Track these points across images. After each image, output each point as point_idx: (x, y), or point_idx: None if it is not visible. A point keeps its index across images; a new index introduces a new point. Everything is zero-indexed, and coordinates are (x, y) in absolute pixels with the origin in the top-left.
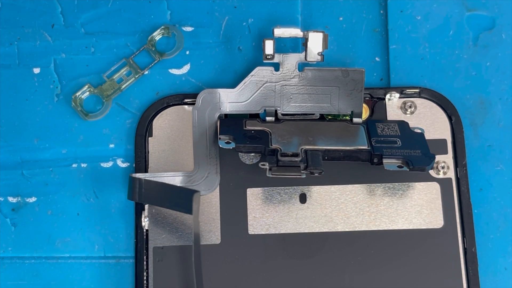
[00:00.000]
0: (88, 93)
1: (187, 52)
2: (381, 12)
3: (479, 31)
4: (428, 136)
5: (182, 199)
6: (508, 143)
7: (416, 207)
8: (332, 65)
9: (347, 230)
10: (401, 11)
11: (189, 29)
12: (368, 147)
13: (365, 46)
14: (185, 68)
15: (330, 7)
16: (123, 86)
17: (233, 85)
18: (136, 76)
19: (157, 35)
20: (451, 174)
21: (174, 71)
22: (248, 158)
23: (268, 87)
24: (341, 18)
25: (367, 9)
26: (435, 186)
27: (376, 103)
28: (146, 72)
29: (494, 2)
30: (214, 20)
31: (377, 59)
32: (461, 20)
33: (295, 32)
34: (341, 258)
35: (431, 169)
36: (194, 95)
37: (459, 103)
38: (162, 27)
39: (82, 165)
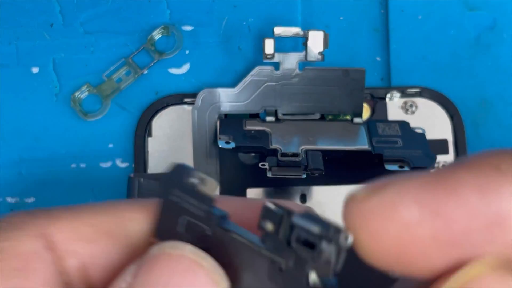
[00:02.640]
0: (87, 92)
1: (187, 52)
2: (382, 11)
3: (480, 31)
4: (429, 136)
5: None
6: (509, 143)
7: None
8: (333, 65)
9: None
10: (402, 10)
11: (188, 28)
12: (368, 147)
13: (366, 45)
14: (185, 68)
15: (330, 7)
16: (122, 86)
17: (233, 84)
18: (135, 76)
19: (157, 35)
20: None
21: (174, 71)
22: (248, 158)
23: (268, 86)
24: (341, 18)
25: (367, 8)
26: None
27: (377, 103)
28: (146, 72)
29: (495, 2)
30: (213, 20)
31: (377, 58)
32: (462, 19)
33: (295, 31)
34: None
35: (432, 169)
36: (194, 95)
37: (460, 103)
38: (162, 26)
39: (81, 165)
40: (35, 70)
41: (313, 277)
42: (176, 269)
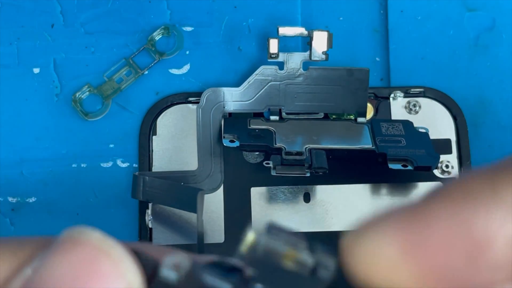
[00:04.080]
0: (88, 93)
1: (187, 52)
2: (381, 12)
3: (479, 31)
4: (432, 135)
5: (186, 197)
6: (508, 143)
7: None
8: (332, 65)
9: (351, 229)
10: (402, 11)
11: (189, 29)
12: (372, 146)
13: (365, 46)
14: (185, 68)
15: (330, 7)
16: (123, 86)
17: (233, 85)
18: (136, 76)
19: (157, 35)
20: (455, 174)
21: (174, 71)
22: (252, 157)
23: (272, 86)
24: (341, 18)
25: (367, 9)
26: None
27: (380, 103)
28: (146, 72)
29: (494, 2)
30: (214, 20)
31: (377, 59)
32: (461, 20)
33: (300, 31)
34: None
35: (436, 168)
36: (198, 94)
37: (459, 103)
38: (162, 27)
39: (82, 165)
40: (36, 70)
41: None
42: (79, 256)
